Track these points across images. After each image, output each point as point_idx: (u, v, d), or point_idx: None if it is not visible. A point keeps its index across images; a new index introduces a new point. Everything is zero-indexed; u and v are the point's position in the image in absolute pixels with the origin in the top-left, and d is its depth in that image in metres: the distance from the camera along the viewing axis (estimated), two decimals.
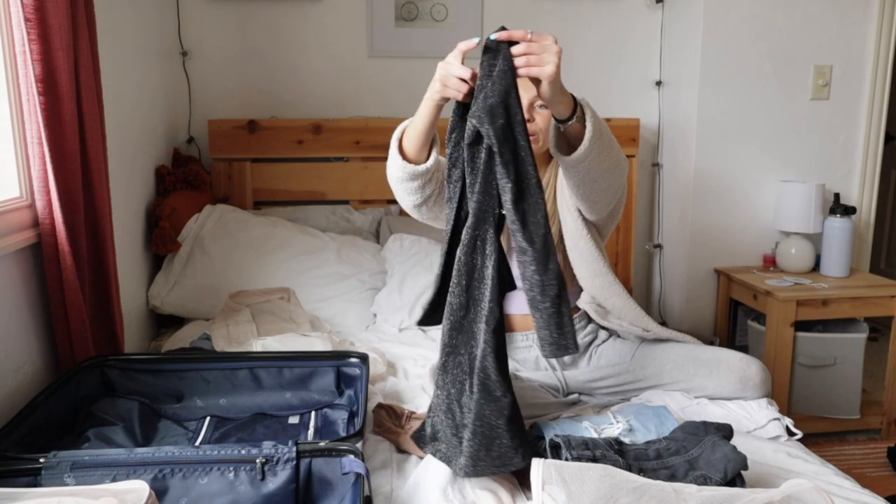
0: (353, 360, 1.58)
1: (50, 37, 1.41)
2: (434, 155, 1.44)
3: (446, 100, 1.30)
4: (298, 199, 2.65)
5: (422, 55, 2.71)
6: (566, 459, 1.16)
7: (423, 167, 1.42)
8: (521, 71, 1.17)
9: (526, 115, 1.49)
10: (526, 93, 1.51)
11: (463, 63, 1.24)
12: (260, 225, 2.41)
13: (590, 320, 1.74)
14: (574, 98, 1.30)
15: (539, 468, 1.06)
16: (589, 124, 1.29)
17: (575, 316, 1.71)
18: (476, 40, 1.23)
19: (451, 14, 2.72)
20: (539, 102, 1.56)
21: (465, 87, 1.23)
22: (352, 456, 1.15)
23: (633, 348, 1.68)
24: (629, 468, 1.13)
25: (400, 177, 1.46)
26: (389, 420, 1.50)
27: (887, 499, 1.27)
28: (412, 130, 1.40)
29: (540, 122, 1.56)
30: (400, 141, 1.45)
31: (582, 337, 1.72)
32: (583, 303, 1.70)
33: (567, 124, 1.30)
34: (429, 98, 1.33)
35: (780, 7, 2.56)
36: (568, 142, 1.36)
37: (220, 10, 2.62)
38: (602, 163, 1.36)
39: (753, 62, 2.59)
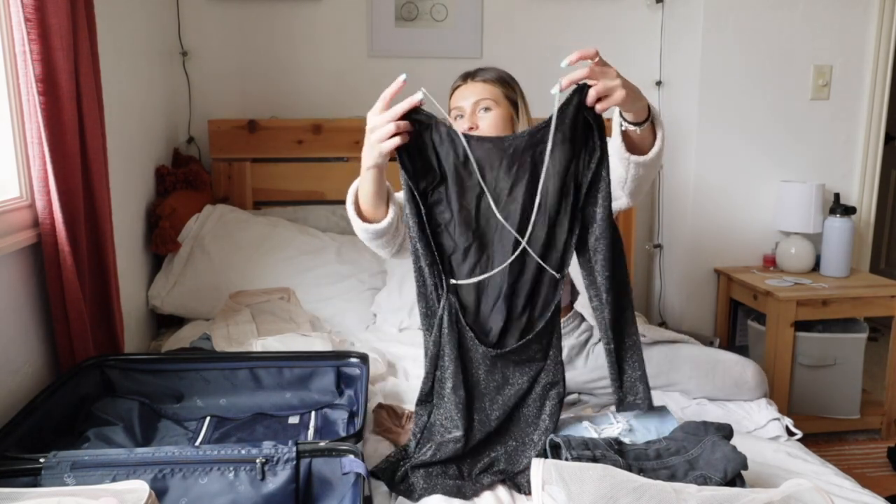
0: (353, 360, 1.58)
1: (50, 37, 1.41)
2: (392, 208, 1.39)
3: (389, 158, 1.26)
4: (298, 199, 2.65)
5: (422, 55, 2.71)
6: (566, 459, 1.16)
7: (384, 224, 1.38)
8: (598, 107, 1.20)
9: (468, 122, 1.51)
10: (471, 96, 1.53)
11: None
12: (260, 225, 2.41)
13: (583, 319, 1.74)
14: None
15: (539, 468, 1.06)
16: (659, 131, 1.35)
17: (568, 315, 1.71)
18: (419, 97, 1.19)
19: (451, 14, 2.72)
20: (484, 105, 1.52)
21: (404, 125, 1.20)
22: (352, 456, 1.15)
23: None
24: (629, 468, 1.13)
25: (366, 237, 1.43)
26: (389, 420, 1.50)
27: (887, 499, 1.27)
28: (363, 196, 1.37)
29: (484, 126, 1.52)
30: (356, 202, 1.42)
31: (576, 336, 1.72)
32: (580, 305, 1.70)
33: (641, 128, 1.32)
34: (370, 167, 1.29)
35: (780, 7, 2.56)
36: (629, 142, 1.38)
37: (220, 10, 2.62)
38: (660, 161, 1.42)
39: (753, 62, 2.59)
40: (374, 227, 1.39)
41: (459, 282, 1.26)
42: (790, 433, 1.54)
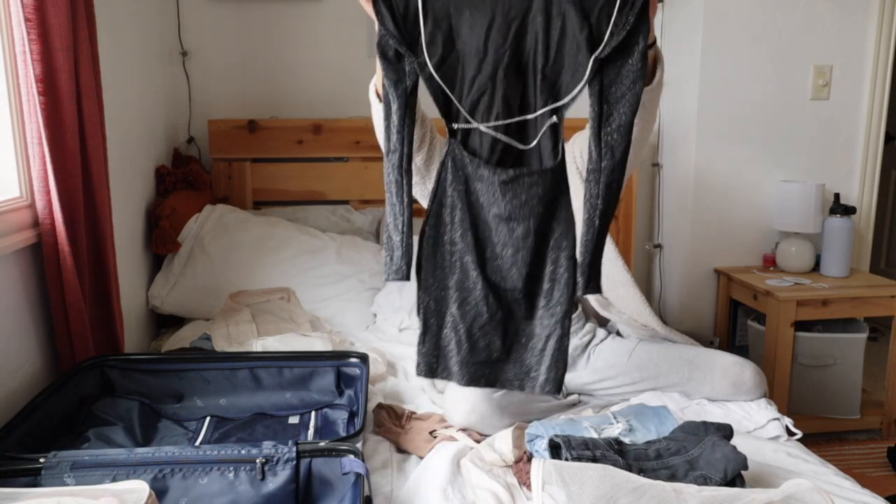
0: (353, 360, 1.58)
1: (50, 37, 1.41)
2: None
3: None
4: (298, 199, 2.65)
5: None
6: (566, 459, 1.16)
7: None
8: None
9: None
10: None
11: None
12: (260, 225, 2.41)
13: (587, 319, 1.74)
14: None
15: (539, 468, 1.06)
16: (661, 55, 1.36)
17: (573, 315, 1.70)
18: None
19: None
20: None
21: None
22: (352, 456, 1.15)
23: (629, 349, 1.68)
24: (629, 468, 1.13)
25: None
26: (389, 420, 1.51)
27: (887, 499, 1.27)
28: (378, 68, 1.36)
29: None
30: (376, 92, 1.44)
31: (580, 337, 1.72)
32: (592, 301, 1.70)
33: (651, 48, 1.30)
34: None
35: (780, 7, 2.56)
36: None
37: (220, 10, 2.62)
38: (659, 94, 1.42)
39: (753, 62, 2.59)
40: None
41: (462, 126, 1.24)
42: (790, 433, 1.54)
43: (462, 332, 1.26)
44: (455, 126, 1.25)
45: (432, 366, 1.29)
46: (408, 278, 1.27)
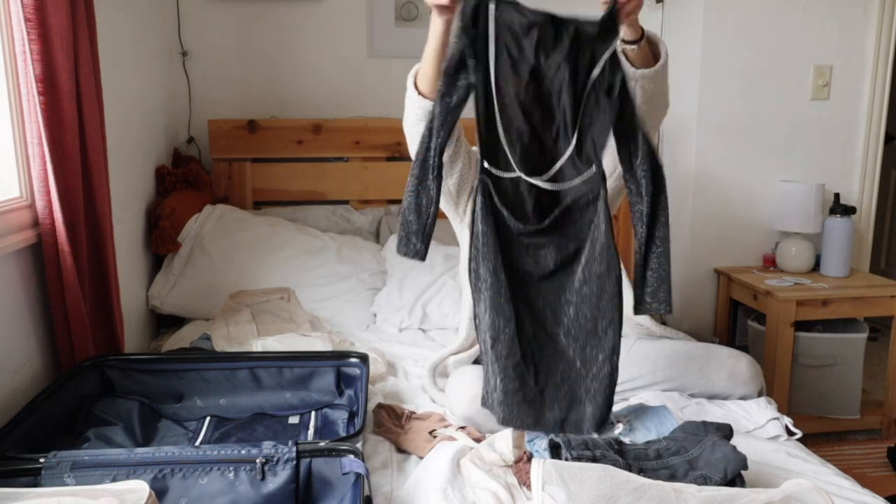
0: (353, 360, 1.58)
1: (50, 37, 1.41)
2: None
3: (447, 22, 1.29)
4: (298, 199, 2.65)
5: (422, 55, 2.71)
6: (566, 459, 1.16)
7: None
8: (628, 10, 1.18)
9: None
10: None
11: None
12: (260, 225, 2.41)
13: None
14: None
15: (539, 468, 1.06)
16: (660, 44, 1.40)
17: None
18: None
19: None
20: None
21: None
22: (352, 456, 1.15)
23: (627, 346, 1.68)
24: (629, 468, 1.13)
25: (418, 115, 1.44)
26: (389, 420, 1.51)
27: (887, 499, 1.27)
28: (424, 60, 1.41)
29: None
30: (415, 82, 1.46)
31: None
32: None
33: (639, 45, 1.35)
34: (435, 19, 1.34)
35: (780, 7, 2.56)
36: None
37: (220, 10, 2.62)
38: (666, 78, 1.45)
39: (753, 62, 2.59)
40: (427, 103, 1.42)
41: (494, 171, 1.22)
42: (790, 433, 1.54)
43: (499, 370, 1.24)
44: (490, 168, 1.23)
45: (484, 397, 1.27)
46: (423, 259, 1.25)
